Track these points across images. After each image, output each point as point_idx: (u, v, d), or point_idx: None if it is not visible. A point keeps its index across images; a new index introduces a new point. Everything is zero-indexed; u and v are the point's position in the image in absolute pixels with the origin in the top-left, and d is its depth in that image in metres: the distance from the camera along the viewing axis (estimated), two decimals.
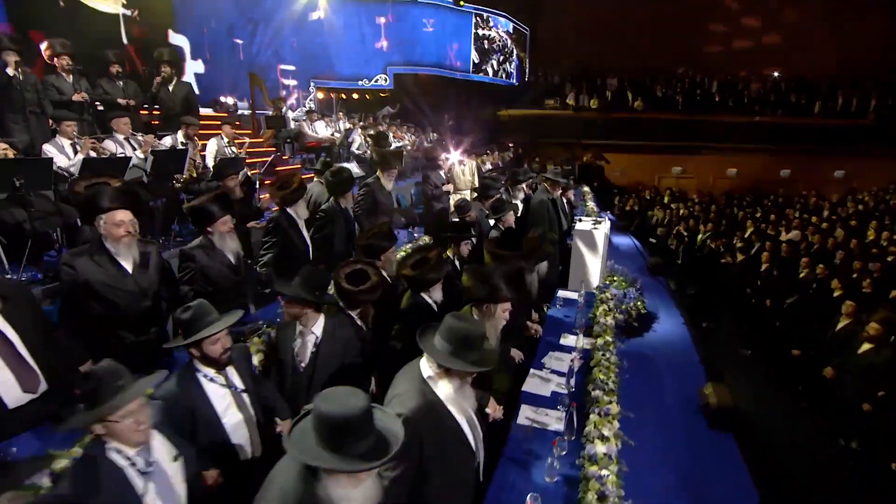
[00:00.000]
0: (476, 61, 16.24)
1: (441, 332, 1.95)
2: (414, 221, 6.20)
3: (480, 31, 16.16)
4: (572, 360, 3.22)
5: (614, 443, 2.52)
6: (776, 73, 17.63)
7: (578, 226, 6.06)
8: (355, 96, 14.95)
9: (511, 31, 17.46)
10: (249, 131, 9.32)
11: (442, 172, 6.54)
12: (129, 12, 8.13)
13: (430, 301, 3.25)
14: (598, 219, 6.42)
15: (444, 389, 1.95)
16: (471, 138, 8.04)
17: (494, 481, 2.31)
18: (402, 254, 3.77)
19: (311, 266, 2.65)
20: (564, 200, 7.00)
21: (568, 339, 3.91)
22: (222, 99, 10.79)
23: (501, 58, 17.06)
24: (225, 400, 2.09)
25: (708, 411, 4.02)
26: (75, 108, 5.56)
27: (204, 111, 8.80)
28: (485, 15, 16.22)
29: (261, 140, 9.14)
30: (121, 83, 6.36)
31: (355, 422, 1.41)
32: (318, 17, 13.20)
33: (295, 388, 2.56)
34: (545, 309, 4.67)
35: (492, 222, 5.03)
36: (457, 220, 4.61)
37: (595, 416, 2.73)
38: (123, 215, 2.68)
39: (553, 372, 3.40)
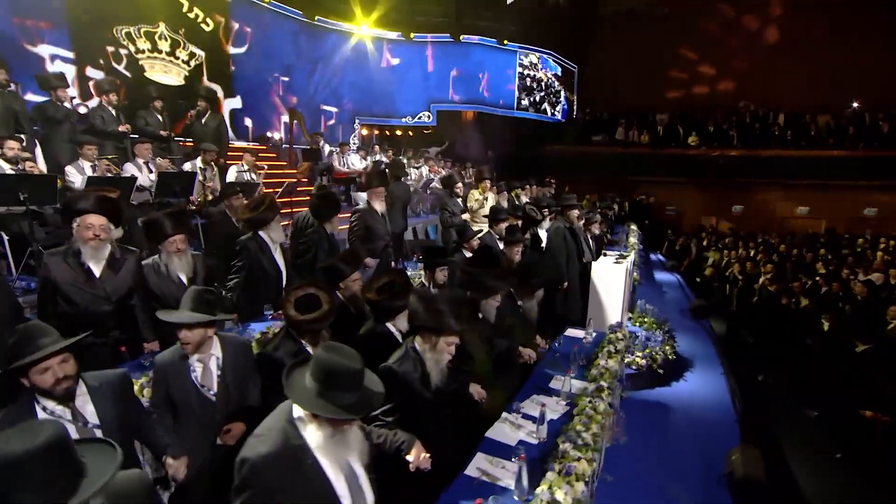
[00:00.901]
0: (520, 98, 16.26)
1: (311, 367, 1.64)
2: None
3: (526, 71, 16.24)
4: (543, 406, 2.76)
5: None
6: (855, 105, 16.12)
7: (600, 260, 5.58)
8: (399, 132, 15.39)
9: (559, 73, 17.45)
10: (285, 163, 9.74)
11: (459, 200, 6.33)
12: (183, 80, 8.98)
13: (393, 330, 2.97)
14: (624, 254, 5.87)
15: (314, 435, 1.61)
16: (490, 168, 7.82)
17: None
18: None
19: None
20: (588, 233, 6.55)
21: (558, 382, 3.42)
22: (269, 134, 11.50)
23: (546, 96, 16.97)
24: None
25: (732, 481, 3.31)
26: (117, 137, 6.04)
27: (249, 144, 9.56)
28: (533, 58, 16.31)
29: (294, 171, 9.48)
30: (159, 116, 6.90)
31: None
32: (368, 57, 13.91)
33: (207, 419, 2.32)
34: (547, 344, 4.19)
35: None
36: (434, 246, 4.32)
37: (553, 474, 2.25)
38: (94, 219, 2.76)
39: (526, 417, 2.93)
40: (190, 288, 2.39)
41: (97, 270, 2.78)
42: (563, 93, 17.53)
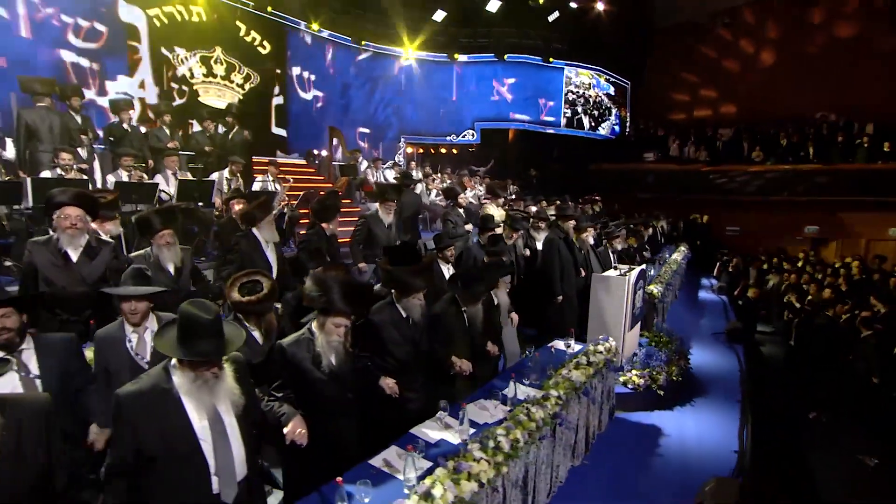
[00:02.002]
0: (568, 116, 16.02)
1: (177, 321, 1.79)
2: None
3: (573, 88, 16.02)
4: (464, 405, 2.68)
5: None
6: None
7: (603, 273, 5.33)
8: (443, 150, 15.72)
9: (612, 92, 17.06)
10: (323, 177, 10.32)
11: (462, 211, 6.35)
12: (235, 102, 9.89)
13: None
14: (632, 267, 5.56)
15: (180, 379, 1.77)
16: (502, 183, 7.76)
17: None
18: None
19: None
20: (609, 247, 6.30)
21: (511, 389, 3.30)
22: (315, 151, 12.26)
23: (597, 113, 16.59)
24: (10, 382, 2.09)
25: None
26: (167, 153, 6.76)
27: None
28: (584, 78, 16.10)
29: (330, 185, 9.99)
30: (208, 134, 7.68)
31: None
32: (414, 78, 14.49)
33: None
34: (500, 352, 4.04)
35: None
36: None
37: (442, 470, 2.19)
38: (71, 211, 3.13)
39: (457, 416, 2.86)
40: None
41: (74, 256, 3.12)
42: (613, 110, 17.06)
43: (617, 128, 17.35)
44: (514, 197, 11.53)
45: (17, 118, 5.65)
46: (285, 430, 2.08)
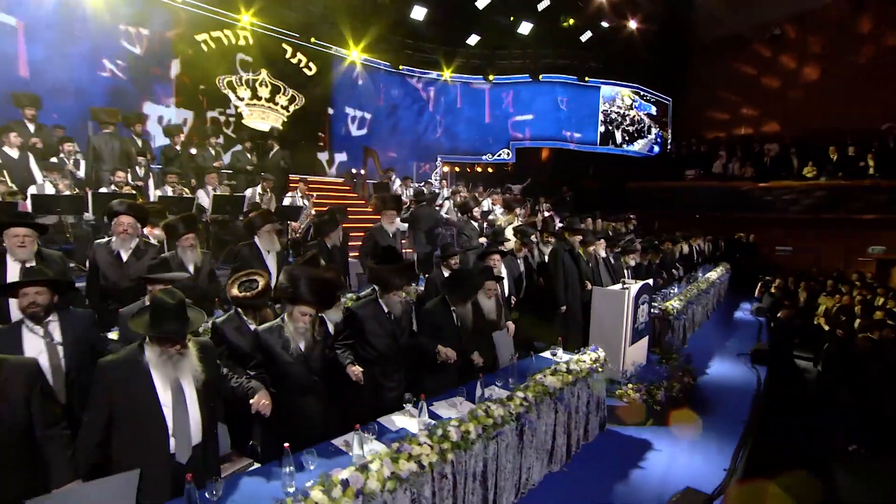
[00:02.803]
0: (604, 133, 15.92)
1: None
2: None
3: (616, 108, 15.94)
4: (423, 396, 2.87)
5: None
6: None
7: (605, 287, 5.38)
8: (479, 169, 16.05)
9: (654, 112, 16.82)
10: (357, 194, 10.91)
11: (476, 225, 6.57)
12: (279, 125, 10.76)
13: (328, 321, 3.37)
14: (633, 282, 5.54)
15: (150, 354, 2.13)
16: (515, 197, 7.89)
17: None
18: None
19: None
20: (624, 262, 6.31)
21: (479, 389, 3.44)
22: (353, 170, 12.99)
23: (632, 129, 16.37)
24: (36, 346, 2.54)
25: None
26: (213, 172, 7.51)
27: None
28: (626, 98, 16.03)
29: (364, 202, 10.56)
30: (249, 155, 8.46)
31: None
32: (451, 99, 15.05)
33: None
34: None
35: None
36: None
37: (385, 448, 2.40)
38: (125, 219, 3.76)
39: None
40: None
41: (125, 256, 3.75)
42: (653, 128, 16.76)
43: (657, 147, 16.99)
44: (548, 214, 11.64)
45: (88, 143, 6.55)
46: (251, 402, 2.39)
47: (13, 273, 3.10)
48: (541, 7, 12.62)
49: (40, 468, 2.08)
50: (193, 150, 8.28)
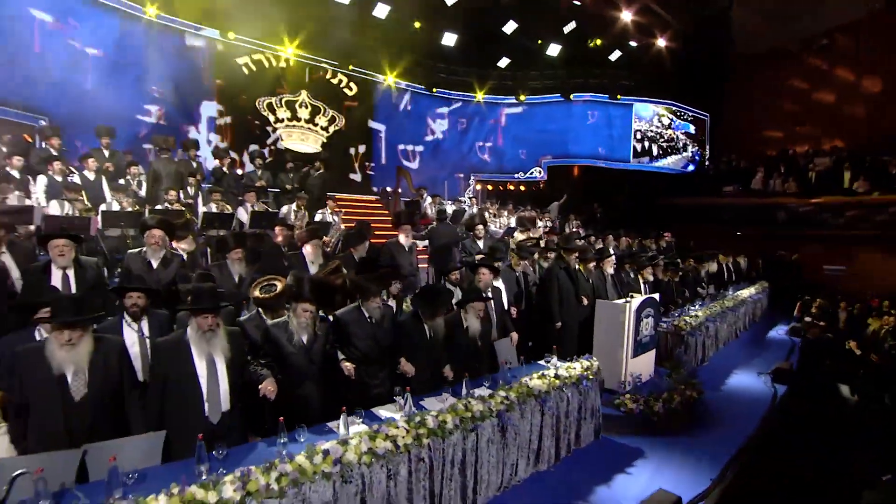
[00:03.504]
0: (638, 151, 15.85)
1: None
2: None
3: (652, 127, 15.92)
4: (408, 389, 3.22)
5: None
6: None
7: (607, 301, 5.55)
8: (511, 187, 16.37)
9: (692, 130, 16.65)
10: (387, 212, 11.50)
11: (480, 242, 6.85)
12: (318, 147, 11.60)
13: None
14: (650, 297, 5.68)
15: (191, 332, 2.72)
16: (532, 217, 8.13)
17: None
18: None
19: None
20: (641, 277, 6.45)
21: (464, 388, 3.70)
22: (388, 189, 13.67)
23: (665, 146, 16.21)
24: (131, 338, 3.12)
25: None
26: (257, 191, 8.27)
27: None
28: (664, 120, 16.02)
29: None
30: (291, 175, 9.26)
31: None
32: (482, 120, 15.60)
33: None
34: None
35: None
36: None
37: (366, 429, 2.78)
38: (155, 231, 4.33)
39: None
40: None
41: (155, 264, 4.25)
42: (689, 146, 16.53)
43: (692, 166, 16.70)
44: (579, 231, 11.79)
45: (150, 166, 7.49)
46: (260, 387, 2.85)
47: (56, 278, 3.67)
48: (567, 30, 12.94)
49: (124, 420, 2.69)
50: (239, 171, 9.17)
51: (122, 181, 7.01)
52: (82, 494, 2.10)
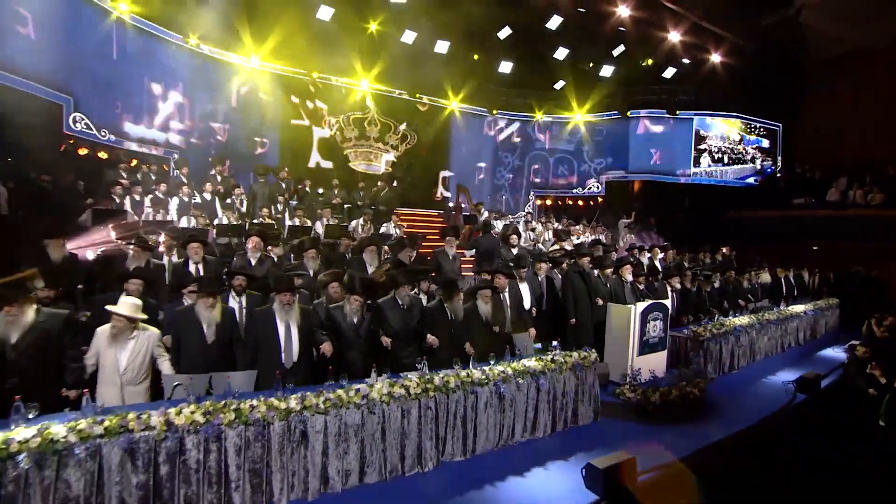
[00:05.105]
0: (700, 164, 15.70)
1: None
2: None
3: (720, 142, 15.78)
4: (423, 359, 4.28)
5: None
6: None
7: (617, 304, 6.24)
8: (570, 202, 16.94)
9: (764, 144, 16.22)
10: (445, 224, 12.73)
11: (514, 250, 7.72)
12: (385, 165, 13.11)
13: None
14: (658, 302, 6.28)
15: (276, 305, 4.03)
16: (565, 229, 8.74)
17: None
18: None
19: None
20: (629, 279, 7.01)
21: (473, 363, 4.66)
22: (451, 204, 14.94)
23: (732, 160, 15.86)
24: (235, 307, 4.54)
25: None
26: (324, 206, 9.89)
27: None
28: (734, 133, 15.88)
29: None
30: (363, 192, 10.85)
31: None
32: (542, 139, 16.47)
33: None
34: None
35: None
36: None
37: (389, 378, 3.90)
38: (255, 238, 5.92)
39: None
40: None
41: (253, 262, 5.81)
42: (759, 158, 16.03)
43: (755, 180, 16.14)
44: (624, 240, 12.22)
45: (249, 188, 9.37)
46: (321, 347, 4.11)
47: (192, 268, 5.38)
48: (616, 52, 13.45)
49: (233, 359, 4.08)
50: (321, 190, 10.90)
51: (228, 201, 8.91)
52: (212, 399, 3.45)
